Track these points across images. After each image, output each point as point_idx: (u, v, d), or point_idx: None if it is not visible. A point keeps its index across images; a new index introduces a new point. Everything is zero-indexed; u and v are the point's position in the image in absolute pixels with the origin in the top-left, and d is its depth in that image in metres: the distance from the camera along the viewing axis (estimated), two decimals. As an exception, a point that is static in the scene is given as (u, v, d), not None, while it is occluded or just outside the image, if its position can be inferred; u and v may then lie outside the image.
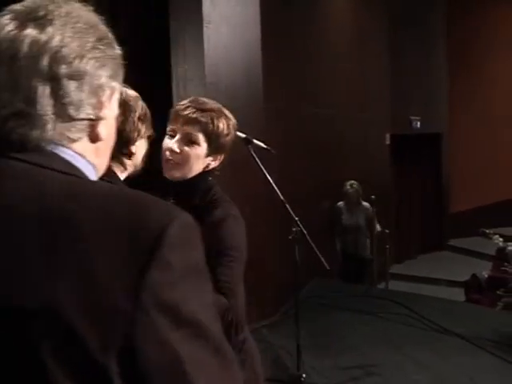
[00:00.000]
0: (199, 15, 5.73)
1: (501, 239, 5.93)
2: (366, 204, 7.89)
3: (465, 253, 11.61)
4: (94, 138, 1.11)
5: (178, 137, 2.44)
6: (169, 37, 5.82)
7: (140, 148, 2.29)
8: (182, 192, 2.43)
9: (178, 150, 2.41)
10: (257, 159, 4.09)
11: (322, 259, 4.41)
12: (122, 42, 1.23)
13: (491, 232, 5.94)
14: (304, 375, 4.76)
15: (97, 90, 1.08)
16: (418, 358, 5.54)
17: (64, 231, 0.95)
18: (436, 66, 11.58)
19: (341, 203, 7.97)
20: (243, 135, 4.16)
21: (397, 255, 10.84)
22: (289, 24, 7.04)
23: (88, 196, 1.01)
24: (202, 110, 2.46)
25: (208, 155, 2.46)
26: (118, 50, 1.17)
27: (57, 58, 1.03)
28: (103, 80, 1.10)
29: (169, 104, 5.86)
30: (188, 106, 2.47)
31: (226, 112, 2.57)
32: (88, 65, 1.06)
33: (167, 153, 2.44)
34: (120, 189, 1.11)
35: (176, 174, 2.44)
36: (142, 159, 2.34)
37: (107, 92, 1.11)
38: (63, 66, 1.03)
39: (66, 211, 0.97)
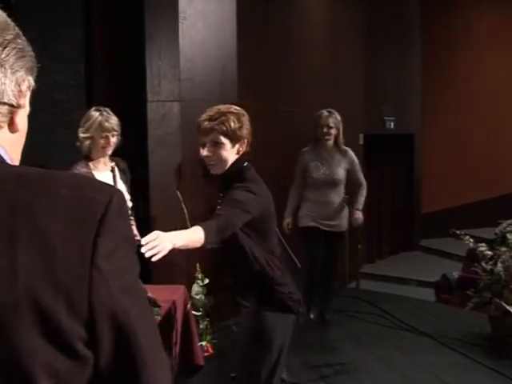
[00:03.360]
0: (175, 11, 5.71)
1: (471, 240, 5.97)
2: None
3: (436, 253, 11.67)
4: (12, 127, 1.15)
5: (207, 146, 3.20)
6: (144, 32, 5.79)
7: None
8: (227, 179, 3.22)
9: (210, 154, 3.19)
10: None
11: (294, 257, 4.43)
12: (96, 36, 1.23)
13: (462, 233, 5.97)
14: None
15: (17, 79, 1.13)
16: (387, 357, 5.58)
17: (20, 214, 1.03)
18: (410, 67, 11.63)
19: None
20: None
21: (368, 255, 10.88)
22: (265, 21, 7.03)
23: (35, 178, 1.09)
24: (213, 119, 3.17)
25: (233, 146, 3.20)
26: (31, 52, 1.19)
27: None
28: (23, 71, 1.14)
29: (143, 99, 5.84)
30: (204, 120, 3.20)
31: (233, 109, 3.25)
32: (10, 55, 1.11)
33: (206, 160, 3.24)
34: (55, 171, 1.17)
35: (218, 171, 3.25)
36: None
37: (26, 83, 1.15)
38: None
39: (20, 195, 1.04)
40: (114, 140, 4.33)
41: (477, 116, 12.17)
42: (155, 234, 2.62)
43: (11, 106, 1.13)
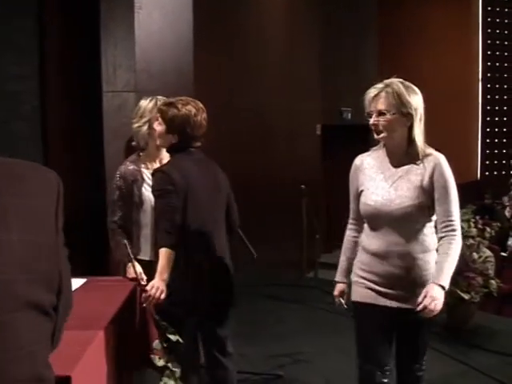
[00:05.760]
0: (130, 0, 5.66)
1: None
2: None
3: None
4: None
5: None
6: (99, 22, 5.73)
7: None
8: None
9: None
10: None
11: (251, 247, 4.44)
12: (50, 26, 1.22)
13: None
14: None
15: None
16: (345, 346, 5.61)
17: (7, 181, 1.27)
18: (366, 57, 11.72)
19: None
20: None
21: (326, 245, 10.96)
22: (222, 12, 7.02)
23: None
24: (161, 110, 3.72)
25: (167, 133, 3.67)
26: None
27: None
28: None
29: (98, 90, 5.78)
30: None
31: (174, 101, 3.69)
32: None
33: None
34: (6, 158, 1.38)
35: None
36: None
37: None
38: None
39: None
40: (160, 128, 3.80)
41: (430, 107, 12.33)
42: (150, 285, 3.45)
43: None
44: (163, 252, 3.49)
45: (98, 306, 3.11)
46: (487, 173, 13.67)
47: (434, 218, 3.27)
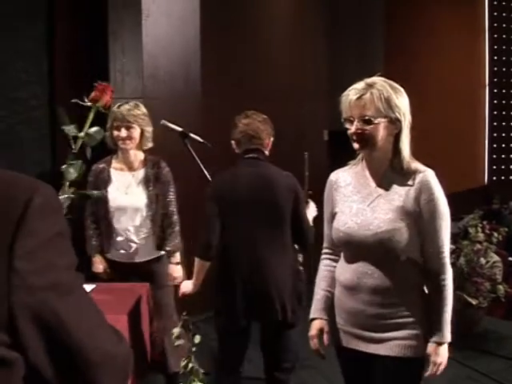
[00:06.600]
0: (138, 8, 5.69)
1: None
2: None
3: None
4: None
5: None
6: (107, 29, 5.76)
7: None
8: None
9: None
10: (193, 153, 4.10)
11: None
12: (59, 33, 1.23)
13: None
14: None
15: None
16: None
17: None
18: (374, 63, 11.73)
19: None
20: (180, 129, 4.16)
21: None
22: (228, 19, 7.04)
23: None
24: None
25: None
26: None
27: None
28: None
29: (106, 96, 5.81)
30: None
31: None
32: None
33: None
34: None
35: None
36: None
37: None
38: None
39: None
40: (130, 133, 4.14)
41: (437, 112, 12.30)
42: (183, 283, 4.07)
43: None
44: (195, 260, 3.83)
45: (107, 312, 3.11)
46: (494, 178, 13.63)
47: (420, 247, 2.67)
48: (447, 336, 2.66)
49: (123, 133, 4.10)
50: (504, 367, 5.23)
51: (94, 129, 2.89)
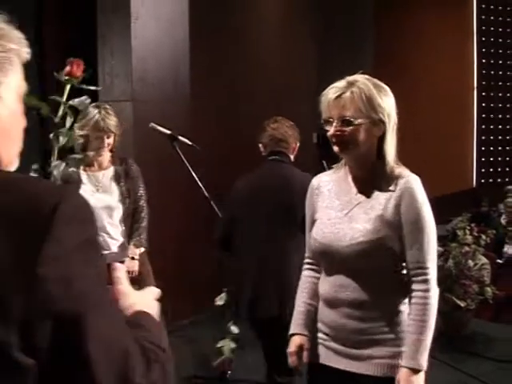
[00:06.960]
0: (127, 10, 5.69)
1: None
2: None
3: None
4: None
5: None
6: (96, 32, 5.76)
7: None
8: None
9: None
10: (182, 156, 4.10)
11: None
12: (48, 36, 1.23)
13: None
14: (229, 372, 4.77)
15: None
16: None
17: None
18: (362, 64, 11.75)
19: None
20: (168, 132, 4.17)
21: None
22: (218, 22, 7.04)
23: None
24: None
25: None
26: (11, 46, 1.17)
27: None
28: None
29: (95, 99, 5.79)
30: None
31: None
32: None
33: None
34: (6, 175, 1.12)
35: None
36: None
37: None
38: None
39: None
40: (109, 141, 4.22)
41: (425, 115, 12.34)
42: None
43: None
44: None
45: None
46: (483, 180, 13.69)
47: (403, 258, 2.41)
48: (423, 362, 2.33)
49: (105, 142, 4.19)
50: (492, 369, 5.24)
51: (79, 99, 2.97)
